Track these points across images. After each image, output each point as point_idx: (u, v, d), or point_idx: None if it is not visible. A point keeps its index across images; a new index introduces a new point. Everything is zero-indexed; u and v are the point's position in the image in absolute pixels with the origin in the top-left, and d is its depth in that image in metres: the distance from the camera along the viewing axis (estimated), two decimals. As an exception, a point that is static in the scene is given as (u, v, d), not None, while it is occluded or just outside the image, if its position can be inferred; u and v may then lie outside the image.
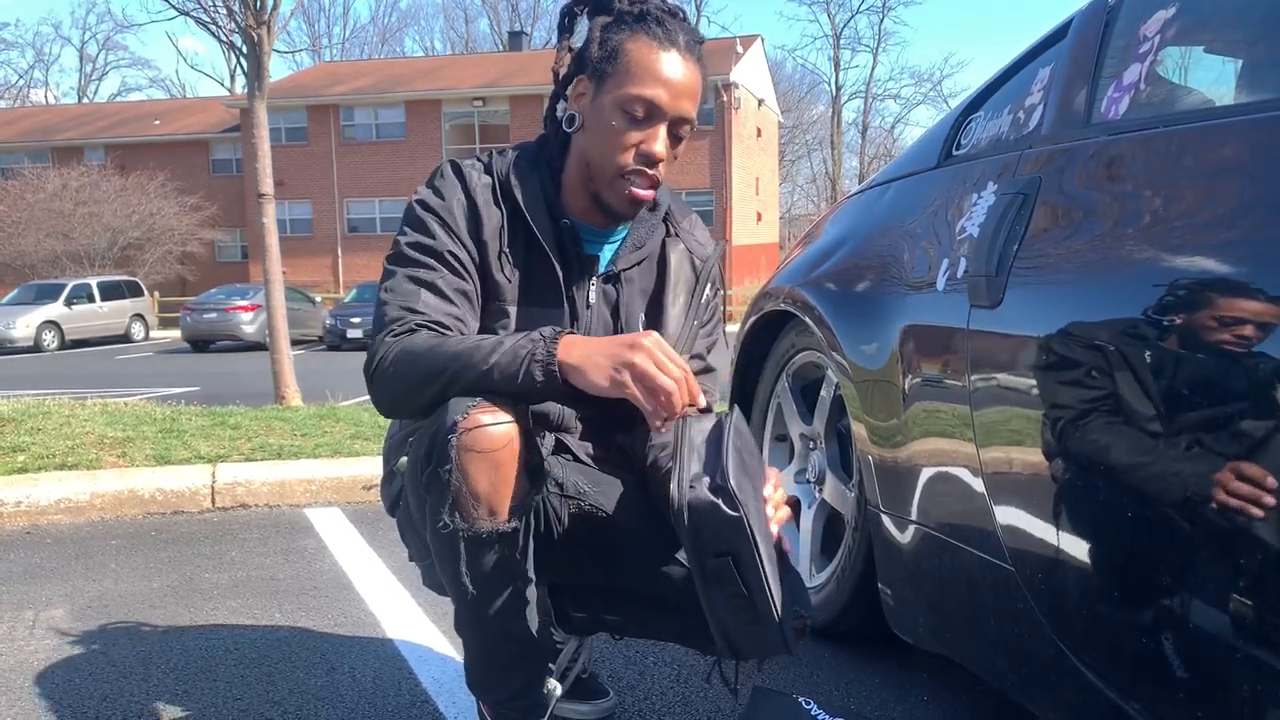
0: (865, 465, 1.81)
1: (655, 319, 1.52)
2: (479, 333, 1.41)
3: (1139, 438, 1.13)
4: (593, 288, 1.48)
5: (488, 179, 1.45)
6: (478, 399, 1.26)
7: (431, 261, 1.39)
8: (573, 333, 1.31)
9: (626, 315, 1.51)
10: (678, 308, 1.53)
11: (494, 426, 1.25)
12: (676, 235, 1.55)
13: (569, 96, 1.46)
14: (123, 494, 3.53)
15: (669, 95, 1.37)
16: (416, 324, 1.34)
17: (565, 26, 1.48)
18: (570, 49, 1.47)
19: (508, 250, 1.43)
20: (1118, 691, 1.21)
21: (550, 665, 1.70)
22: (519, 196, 1.43)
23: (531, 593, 1.38)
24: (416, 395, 1.32)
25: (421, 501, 1.33)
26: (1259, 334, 1.00)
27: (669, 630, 1.55)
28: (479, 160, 1.48)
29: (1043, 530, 1.31)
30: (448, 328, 1.36)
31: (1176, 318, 1.11)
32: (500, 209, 1.44)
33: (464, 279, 1.41)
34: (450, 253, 1.40)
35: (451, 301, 1.38)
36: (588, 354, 1.26)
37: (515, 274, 1.43)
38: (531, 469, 1.30)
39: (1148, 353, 1.13)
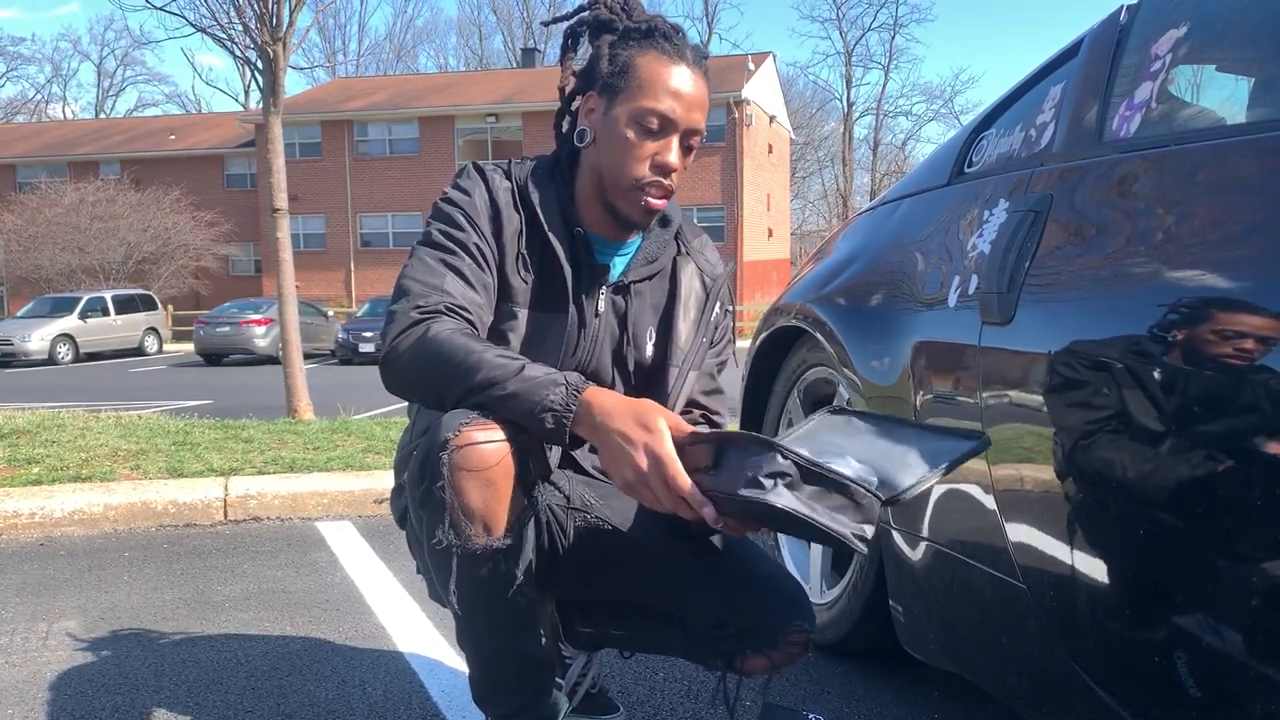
0: (876, 481, 1.81)
1: (666, 334, 1.54)
2: (489, 329, 1.43)
3: (1151, 455, 1.13)
4: (602, 297, 1.50)
5: (508, 183, 1.48)
6: (472, 415, 1.27)
7: (458, 250, 1.41)
8: (594, 386, 1.27)
9: (634, 327, 1.53)
10: (689, 324, 1.54)
11: (486, 444, 1.25)
12: (688, 254, 1.57)
13: (579, 112, 1.48)
14: (136, 506, 3.55)
15: (681, 107, 1.40)
16: (444, 306, 1.34)
17: (569, 46, 1.52)
18: (574, 67, 1.50)
19: (525, 254, 1.45)
20: (1130, 710, 1.21)
21: (559, 680, 1.70)
22: (536, 203, 1.46)
23: (533, 608, 1.39)
24: (430, 396, 1.32)
25: (419, 518, 1.34)
26: (1271, 351, 1.00)
27: (675, 645, 1.55)
28: (500, 166, 1.50)
29: (1054, 547, 1.31)
30: (469, 313, 1.36)
31: (1188, 335, 1.11)
32: (520, 213, 1.46)
33: (486, 272, 1.42)
34: (475, 245, 1.42)
35: (475, 289, 1.39)
36: (606, 430, 1.23)
37: (530, 278, 1.45)
38: (527, 484, 1.31)
39: (1159, 370, 1.13)
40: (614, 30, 1.45)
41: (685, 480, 1.17)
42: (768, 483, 1.15)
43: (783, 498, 1.14)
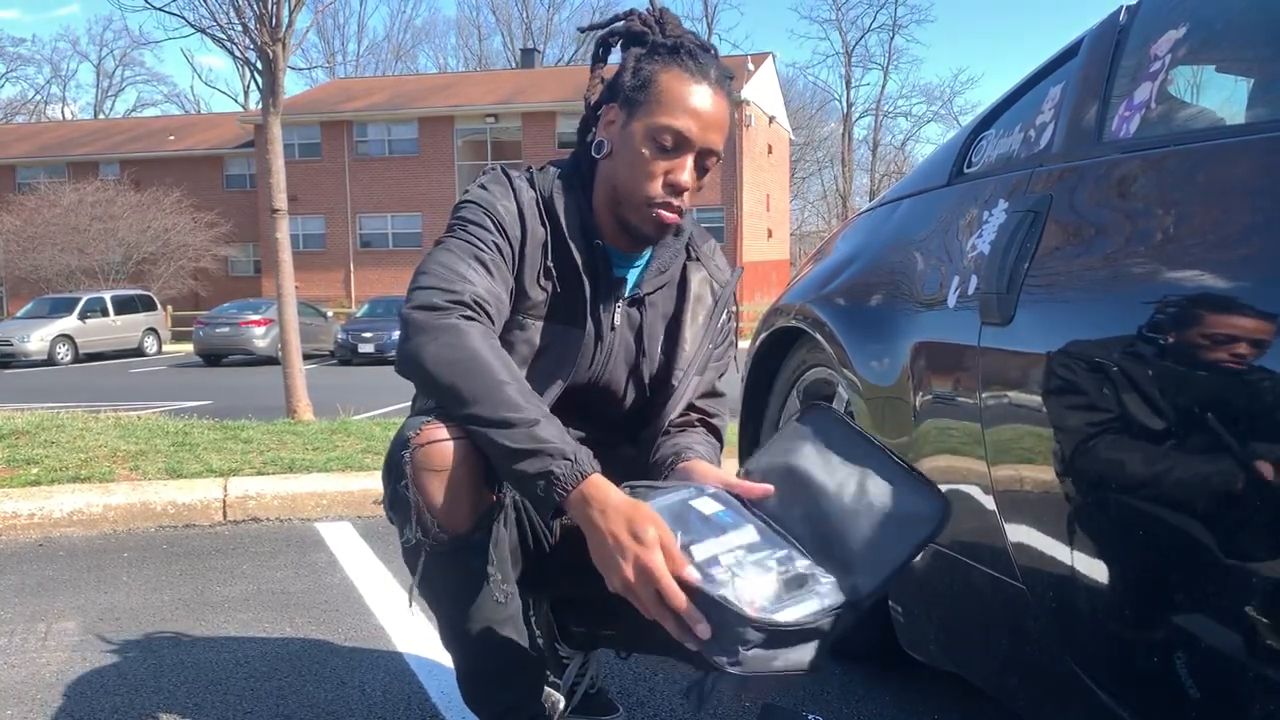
0: (876, 482, 1.80)
1: (673, 340, 1.54)
2: (504, 339, 1.41)
3: (1150, 456, 1.13)
4: (618, 310, 1.50)
5: (532, 193, 1.47)
6: (431, 416, 1.28)
7: (483, 246, 1.40)
8: (601, 475, 1.24)
9: (648, 339, 1.53)
10: (695, 330, 1.54)
11: (446, 442, 1.26)
12: (698, 260, 1.57)
13: (599, 123, 1.47)
14: (135, 507, 3.55)
15: (698, 127, 1.39)
16: (470, 297, 1.33)
17: (599, 56, 1.51)
18: (602, 78, 1.49)
19: (550, 265, 1.44)
20: (1130, 710, 1.21)
21: (557, 680, 1.70)
22: (561, 216, 1.45)
23: (513, 606, 1.39)
24: (439, 397, 1.31)
25: (392, 518, 1.36)
26: (1270, 352, 1.00)
27: (660, 643, 1.55)
28: (523, 174, 1.50)
29: (1054, 548, 1.31)
30: (490, 308, 1.35)
31: (1188, 336, 1.11)
32: (545, 226, 1.45)
33: (507, 272, 1.42)
34: (497, 244, 1.41)
35: (496, 283, 1.39)
36: (597, 527, 1.20)
37: (550, 289, 1.45)
38: (492, 480, 1.31)
39: (1159, 371, 1.13)
40: (644, 43, 1.44)
41: (681, 597, 1.14)
42: (731, 651, 1.13)
43: (742, 666, 1.13)
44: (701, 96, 1.39)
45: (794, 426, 1.40)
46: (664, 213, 1.41)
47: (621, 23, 1.47)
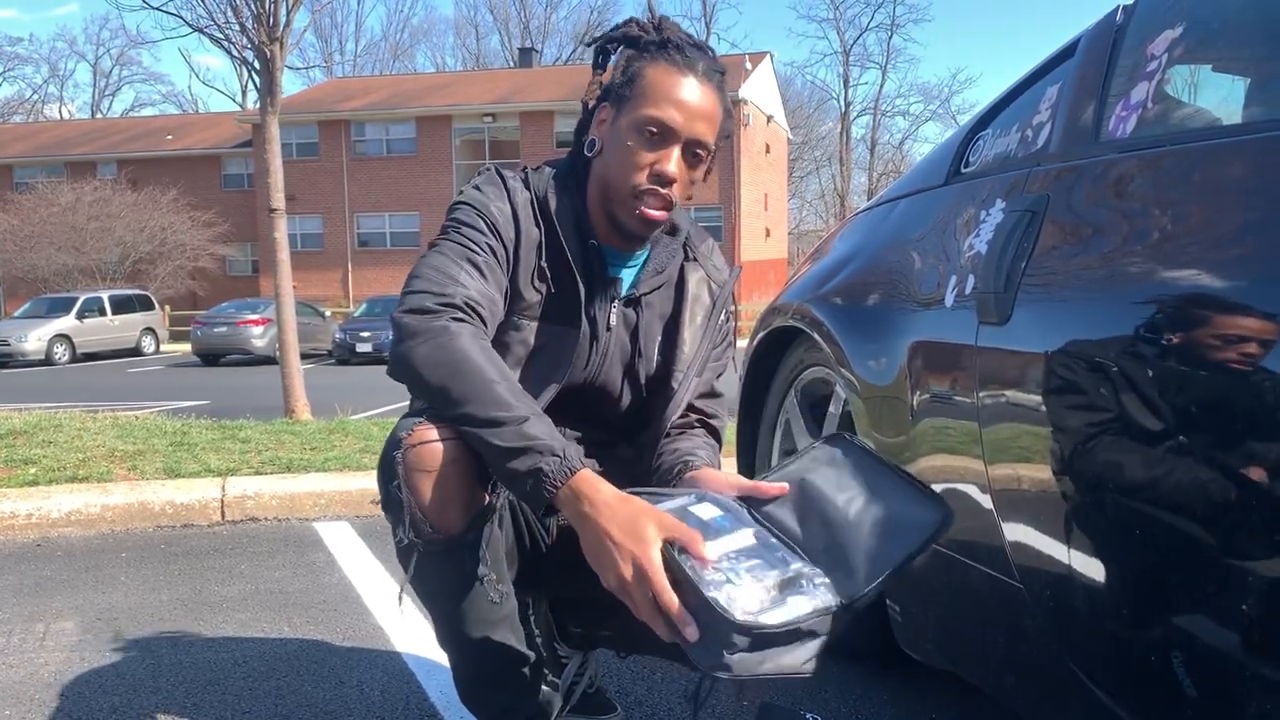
0: (874, 481, 1.81)
1: (671, 342, 1.53)
2: (499, 340, 1.41)
3: (1147, 455, 1.14)
4: (614, 311, 1.50)
5: (527, 194, 1.47)
6: (424, 416, 1.28)
7: (476, 248, 1.40)
8: (596, 470, 1.24)
9: (645, 339, 1.52)
10: (694, 331, 1.54)
11: (437, 443, 1.26)
12: (695, 260, 1.57)
13: (593, 123, 1.48)
14: (133, 507, 3.55)
15: (683, 117, 1.39)
16: (462, 300, 1.33)
17: (599, 63, 1.51)
18: (600, 82, 1.50)
19: (544, 266, 1.44)
20: (1127, 709, 1.21)
21: (555, 679, 1.70)
22: (555, 216, 1.45)
23: (508, 606, 1.39)
24: (431, 400, 1.31)
25: (387, 518, 1.36)
26: (1268, 351, 1.00)
27: (657, 644, 1.55)
28: (518, 174, 1.50)
29: (1051, 547, 1.31)
30: (483, 310, 1.35)
31: (1185, 335, 1.11)
32: (539, 227, 1.46)
33: (501, 273, 1.42)
34: (491, 246, 1.41)
35: (490, 285, 1.39)
36: (591, 523, 1.19)
37: (544, 290, 1.45)
38: (485, 480, 1.31)
39: (1156, 370, 1.13)
40: (638, 45, 1.45)
41: (673, 599, 1.13)
42: (717, 655, 1.12)
43: (731, 670, 1.12)
44: (687, 87, 1.39)
45: (813, 449, 1.41)
46: (649, 208, 1.41)
47: (620, 30, 1.48)
